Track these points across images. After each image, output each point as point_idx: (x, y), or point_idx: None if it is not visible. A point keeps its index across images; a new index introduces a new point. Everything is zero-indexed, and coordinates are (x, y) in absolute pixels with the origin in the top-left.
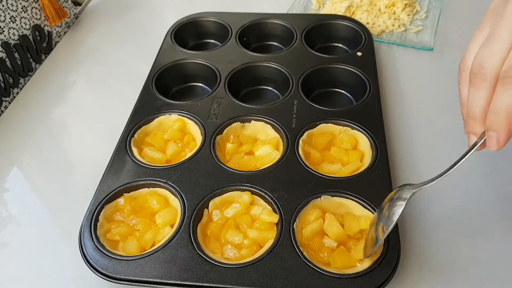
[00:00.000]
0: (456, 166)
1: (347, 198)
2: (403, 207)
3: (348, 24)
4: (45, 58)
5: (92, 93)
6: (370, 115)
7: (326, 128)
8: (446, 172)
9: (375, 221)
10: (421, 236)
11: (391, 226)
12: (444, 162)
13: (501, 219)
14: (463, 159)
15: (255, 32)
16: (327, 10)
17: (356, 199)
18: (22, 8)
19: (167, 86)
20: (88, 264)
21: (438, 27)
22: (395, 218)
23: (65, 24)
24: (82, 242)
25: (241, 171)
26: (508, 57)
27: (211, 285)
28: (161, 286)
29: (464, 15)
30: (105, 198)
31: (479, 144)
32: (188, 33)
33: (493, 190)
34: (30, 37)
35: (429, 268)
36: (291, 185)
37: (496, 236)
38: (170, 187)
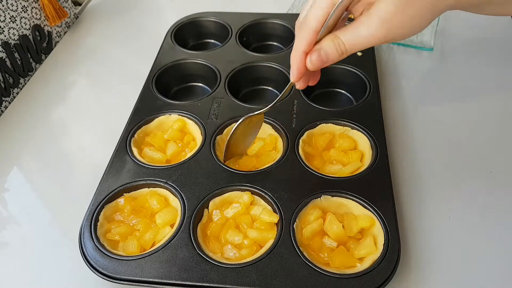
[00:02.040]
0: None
1: (347, 198)
2: None
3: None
4: (45, 58)
5: (92, 93)
6: (370, 115)
7: (326, 128)
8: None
9: None
10: (421, 236)
11: None
12: (445, 162)
13: (501, 219)
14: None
15: (255, 32)
16: None
17: (356, 199)
18: (22, 8)
19: (167, 86)
20: (88, 264)
21: (438, 27)
22: None
23: (65, 24)
24: (82, 242)
25: (241, 171)
26: (304, 14)
27: (211, 285)
28: (161, 286)
29: (464, 15)
30: (105, 198)
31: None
32: (188, 33)
33: (493, 190)
34: (30, 37)
35: (429, 267)
36: (291, 185)
37: (496, 236)
38: (170, 187)
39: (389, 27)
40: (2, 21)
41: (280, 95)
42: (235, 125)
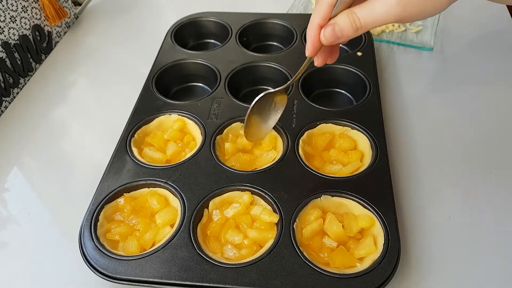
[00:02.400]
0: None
1: (347, 198)
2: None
3: None
4: (45, 58)
5: (92, 93)
6: (370, 115)
7: (326, 128)
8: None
9: None
10: (421, 236)
11: None
12: (445, 162)
13: (501, 219)
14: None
15: (255, 32)
16: None
17: (356, 199)
18: (22, 8)
19: (167, 86)
20: (88, 264)
21: (438, 27)
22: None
23: (65, 24)
24: (82, 242)
25: (241, 171)
26: None
27: (211, 285)
28: (161, 286)
29: (464, 15)
30: (105, 198)
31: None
32: (188, 33)
33: (493, 190)
34: (30, 37)
35: (429, 268)
36: (291, 185)
37: (496, 236)
38: (170, 187)
39: (406, 5)
40: (2, 21)
41: (299, 71)
42: (255, 100)
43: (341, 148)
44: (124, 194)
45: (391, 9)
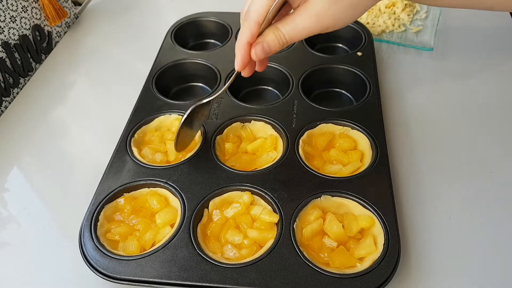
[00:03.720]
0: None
1: (347, 198)
2: None
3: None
4: (45, 58)
5: (92, 93)
6: (370, 115)
7: (326, 128)
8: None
9: None
10: (421, 236)
11: None
12: (445, 162)
13: (501, 219)
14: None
15: None
16: None
17: (356, 199)
18: (22, 8)
19: (167, 86)
20: (88, 264)
21: (438, 27)
22: None
23: (65, 24)
24: (82, 242)
25: (241, 171)
26: (249, 3)
27: (211, 285)
28: (161, 286)
29: (464, 15)
30: (105, 198)
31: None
32: (188, 33)
33: (493, 190)
34: (30, 37)
35: (429, 267)
36: (291, 185)
37: (496, 236)
38: (170, 187)
39: (323, 21)
40: (2, 21)
41: (227, 85)
42: (184, 115)
43: (341, 148)
44: (124, 194)
45: (311, 25)
